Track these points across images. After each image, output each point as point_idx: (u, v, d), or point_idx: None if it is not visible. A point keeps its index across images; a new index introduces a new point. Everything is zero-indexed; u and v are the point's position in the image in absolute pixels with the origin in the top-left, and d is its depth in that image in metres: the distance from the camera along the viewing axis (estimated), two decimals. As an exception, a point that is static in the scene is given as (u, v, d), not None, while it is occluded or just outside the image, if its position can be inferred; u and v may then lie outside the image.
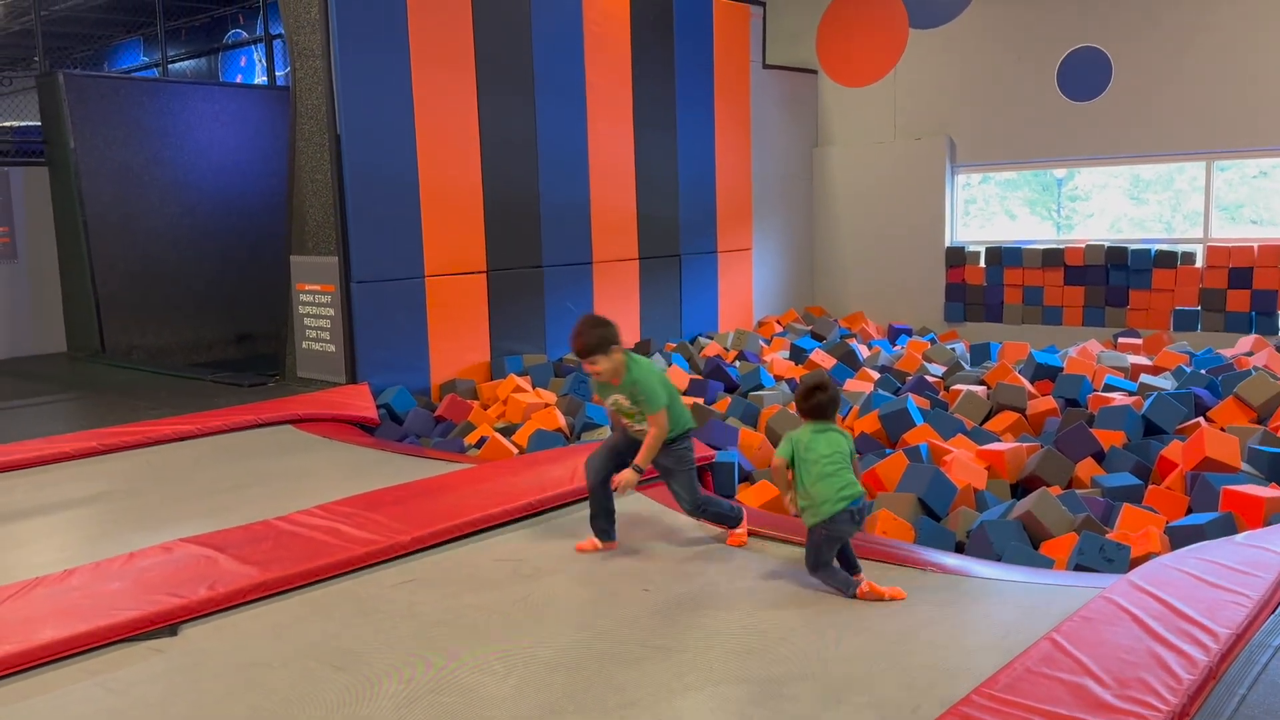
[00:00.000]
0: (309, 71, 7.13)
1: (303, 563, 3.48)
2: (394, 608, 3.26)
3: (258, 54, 15.38)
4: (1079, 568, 3.90)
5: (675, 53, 9.16)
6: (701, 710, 2.54)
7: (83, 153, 8.90)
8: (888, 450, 5.50)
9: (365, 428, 6.37)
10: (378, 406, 6.64)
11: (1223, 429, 5.36)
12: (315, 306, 7.33)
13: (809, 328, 9.57)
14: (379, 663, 2.86)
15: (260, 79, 14.72)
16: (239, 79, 15.77)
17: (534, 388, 7.03)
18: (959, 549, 4.30)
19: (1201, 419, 5.65)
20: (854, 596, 3.23)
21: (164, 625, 3.07)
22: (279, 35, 11.08)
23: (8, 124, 13.14)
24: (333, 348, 7.24)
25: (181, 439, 5.66)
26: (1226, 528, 4.03)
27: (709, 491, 4.13)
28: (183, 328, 9.53)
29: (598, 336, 3.59)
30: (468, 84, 7.55)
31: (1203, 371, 6.61)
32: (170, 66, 14.83)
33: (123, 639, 3.00)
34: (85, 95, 8.95)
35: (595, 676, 2.76)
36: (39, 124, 9.26)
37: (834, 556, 3.32)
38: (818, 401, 3.37)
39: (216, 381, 7.65)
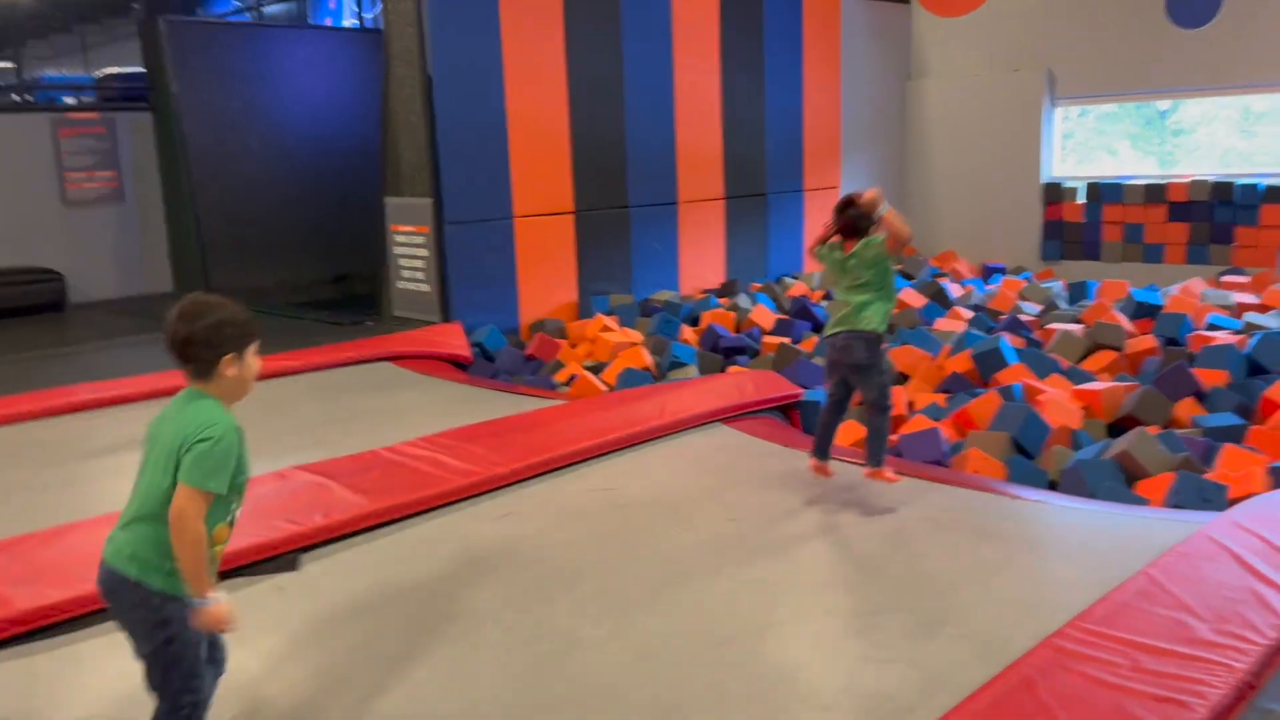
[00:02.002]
0: (400, 14, 7.21)
1: (409, 493, 3.64)
2: (494, 546, 3.37)
3: (347, -4, 15.53)
4: (1176, 507, 3.85)
5: (765, -12, 9.00)
6: (796, 644, 2.61)
7: (184, 97, 9.16)
8: (979, 390, 5.45)
9: (459, 365, 6.55)
10: (470, 345, 6.81)
11: (1334, 369, 5.18)
12: (410, 247, 7.50)
13: (899, 266, 9.44)
14: (480, 607, 2.93)
15: (349, 20, 14.89)
16: (328, 21, 15.97)
17: (621, 327, 7.12)
18: (1051, 488, 4.27)
19: (1311, 359, 5.47)
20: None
21: (284, 553, 3.25)
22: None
23: (112, 69, 13.61)
24: (427, 287, 7.42)
25: (286, 374, 5.90)
26: (1334, 469, 3.92)
27: (798, 430, 4.17)
28: (282, 268, 9.83)
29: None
30: (555, 24, 7.56)
31: (1314, 310, 6.36)
32: (262, 10, 15.09)
33: (247, 564, 3.17)
34: (185, 40, 9.19)
35: (688, 615, 2.82)
36: (141, 70, 9.55)
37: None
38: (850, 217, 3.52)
39: (317, 320, 7.91)
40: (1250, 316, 6.32)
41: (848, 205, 3.57)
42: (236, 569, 3.14)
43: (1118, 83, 9.69)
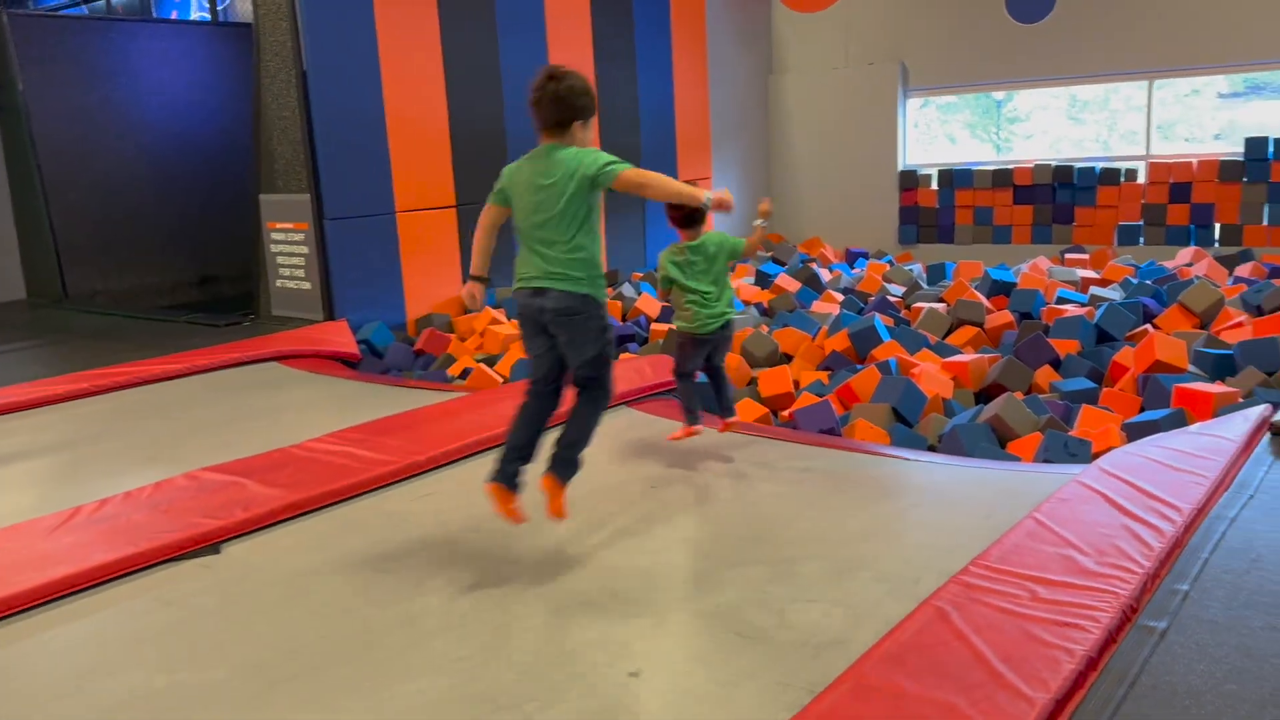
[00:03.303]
0: (271, 8, 7.08)
1: (329, 483, 3.67)
2: (423, 518, 3.47)
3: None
4: (1046, 463, 4.22)
5: (632, -18, 9.20)
6: (730, 589, 2.80)
7: (32, 95, 8.73)
8: (858, 366, 5.79)
9: (348, 363, 6.50)
10: (357, 342, 6.76)
11: (1169, 334, 5.72)
12: (288, 244, 7.37)
13: (769, 254, 9.80)
14: (420, 564, 3.08)
15: (197, 14, 14.35)
16: (174, 14, 15.33)
17: (510, 319, 7.18)
18: (931, 451, 4.60)
19: (1149, 326, 6.02)
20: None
21: (207, 545, 3.25)
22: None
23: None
24: (308, 285, 7.32)
25: (171, 378, 5.76)
26: (1178, 422, 4.37)
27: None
28: (146, 271, 9.46)
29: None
30: (430, 17, 7.55)
31: (1148, 282, 6.97)
32: (99, 3, 14.37)
33: (169, 559, 3.17)
34: (31, 35, 8.75)
35: (621, 563, 3.02)
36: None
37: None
38: (685, 212, 3.82)
39: (191, 322, 7.68)
40: (1095, 290, 6.88)
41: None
42: (157, 563, 3.13)
43: (965, 74, 10.31)
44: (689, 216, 3.83)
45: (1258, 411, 3.86)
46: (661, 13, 9.57)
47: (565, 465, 3.07)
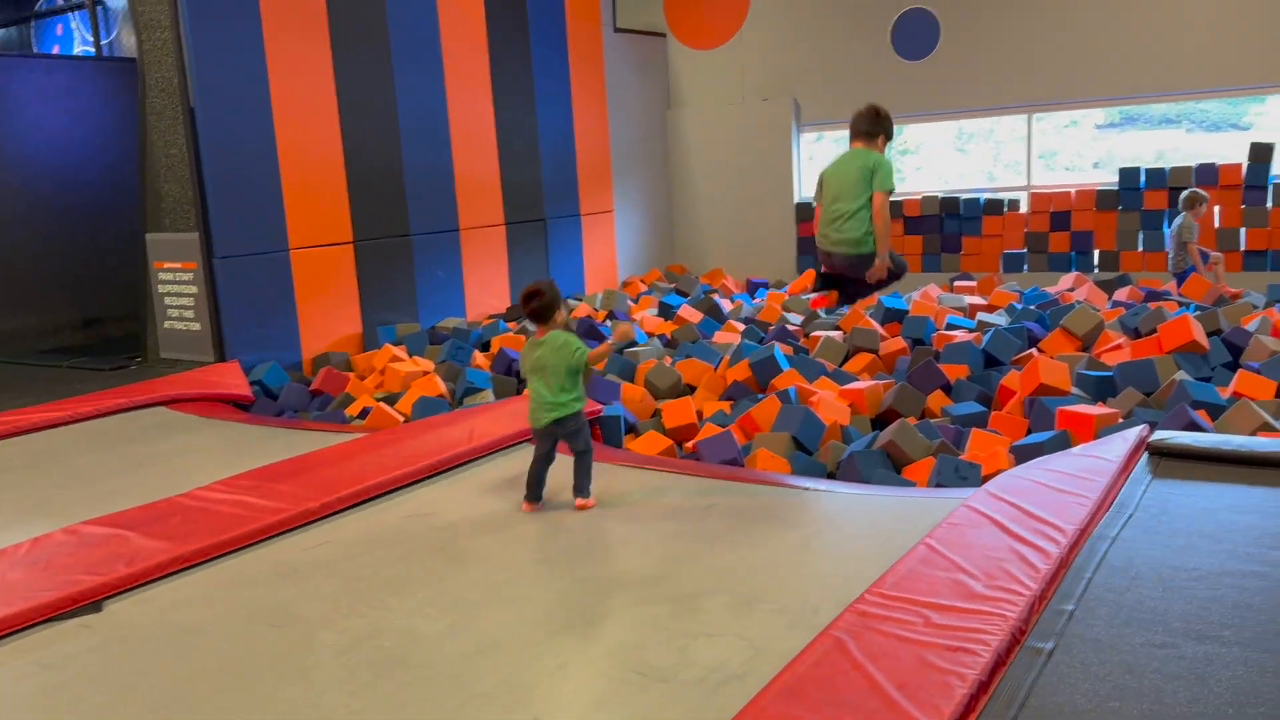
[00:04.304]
0: (157, 43, 6.91)
1: (217, 534, 3.54)
2: (315, 568, 3.38)
3: (75, 21, 14.49)
4: (938, 486, 4.33)
5: (529, 18, 9.23)
6: (632, 627, 2.80)
7: (-102, 132, 8.33)
8: (760, 395, 5.86)
9: (240, 405, 6.32)
10: (250, 384, 6.59)
11: (1053, 358, 5.94)
12: (176, 285, 7.16)
13: (672, 285, 9.90)
14: (312, 617, 3.00)
15: (80, 49, 13.91)
16: (55, 49, 14.84)
17: (410, 356, 7.09)
18: (830, 478, 4.68)
19: (1034, 350, 6.24)
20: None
21: (87, 603, 3.10)
22: (101, 2, 10.58)
23: None
24: (198, 326, 7.11)
25: (51, 426, 5.51)
26: (1062, 443, 4.53)
27: (601, 444, 4.41)
28: (25, 313, 9.05)
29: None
30: (323, 51, 7.46)
31: (1032, 307, 7.24)
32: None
33: (47, 619, 3.02)
34: (-104, 70, 8.36)
35: (525, 609, 2.97)
36: None
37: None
38: (533, 307, 3.75)
39: (74, 367, 7.38)
40: (982, 316, 7.12)
41: (532, 296, 3.77)
42: (34, 624, 2.98)
43: (855, 109, 10.57)
44: (534, 312, 3.78)
45: (1135, 432, 4.03)
46: (559, 47, 9.63)
47: None
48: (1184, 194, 8.11)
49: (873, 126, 5.75)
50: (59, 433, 5.45)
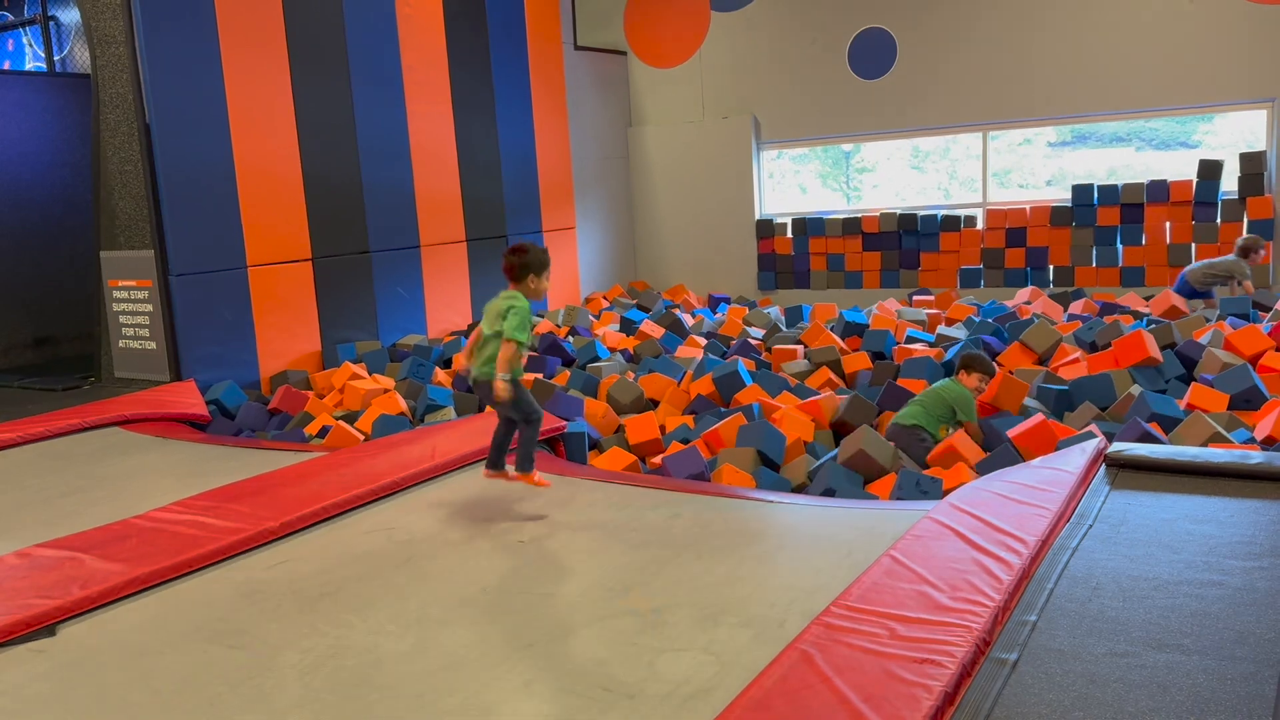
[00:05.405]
0: (112, 59, 6.81)
1: (173, 555, 3.48)
2: (275, 587, 3.32)
3: (27, 37, 14.28)
4: (900, 500, 4.36)
5: (489, 36, 9.24)
6: (598, 643, 2.78)
7: None
8: (723, 409, 5.87)
9: (197, 425, 6.23)
10: (207, 403, 6.49)
11: (1011, 371, 6.02)
12: (131, 303, 7.04)
13: (634, 301, 9.91)
14: (272, 638, 2.94)
15: (33, 64, 13.69)
16: (6, 64, 14.59)
17: (370, 374, 7.02)
18: (797, 492, 4.69)
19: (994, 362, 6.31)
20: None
21: (40, 627, 3.03)
22: (54, 17, 10.43)
23: None
24: (153, 345, 6.99)
25: (3, 448, 5.38)
26: (1022, 456, 4.58)
27: (564, 460, 4.38)
28: (-27, 333, 8.87)
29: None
30: (280, 68, 7.41)
31: (990, 321, 7.33)
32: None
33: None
34: None
35: (490, 626, 2.95)
36: None
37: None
38: (509, 263, 3.92)
39: (26, 387, 7.23)
40: (941, 329, 7.20)
41: (512, 252, 3.97)
42: (-12, 653, 2.91)
43: (814, 127, 10.72)
44: (508, 268, 3.97)
45: (1093, 444, 4.08)
46: (520, 64, 9.64)
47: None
48: (1241, 241, 8.01)
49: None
50: (10, 454, 5.33)
